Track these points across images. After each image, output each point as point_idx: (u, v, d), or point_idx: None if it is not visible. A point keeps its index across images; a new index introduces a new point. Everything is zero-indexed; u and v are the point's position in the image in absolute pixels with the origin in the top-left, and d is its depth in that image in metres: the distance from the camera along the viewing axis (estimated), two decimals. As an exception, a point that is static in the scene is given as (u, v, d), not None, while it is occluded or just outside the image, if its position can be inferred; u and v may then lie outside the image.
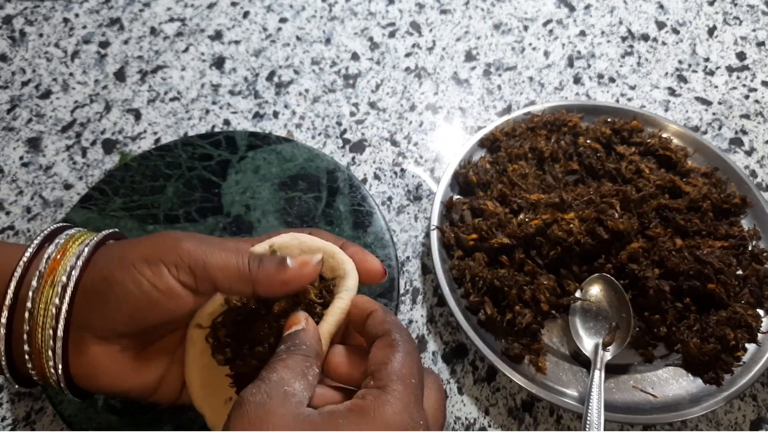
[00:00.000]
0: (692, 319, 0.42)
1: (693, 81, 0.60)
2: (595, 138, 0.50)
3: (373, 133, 0.56)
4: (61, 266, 0.27)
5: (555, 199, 0.45)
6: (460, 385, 0.43)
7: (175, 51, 0.62)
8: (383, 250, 0.45)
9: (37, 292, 0.27)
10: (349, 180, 0.49)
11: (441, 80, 0.60)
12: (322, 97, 0.58)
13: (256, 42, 0.63)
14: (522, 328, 0.41)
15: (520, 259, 0.43)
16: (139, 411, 0.38)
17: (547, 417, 0.41)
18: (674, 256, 0.42)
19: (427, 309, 0.46)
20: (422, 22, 0.65)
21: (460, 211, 0.47)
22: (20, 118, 0.56)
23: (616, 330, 0.42)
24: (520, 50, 0.63)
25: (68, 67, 0.60)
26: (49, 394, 0.38)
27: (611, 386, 0.40)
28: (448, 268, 0.45)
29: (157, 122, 0.56)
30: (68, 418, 0.38)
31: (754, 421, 0.42)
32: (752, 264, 0.44)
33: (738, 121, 0.58)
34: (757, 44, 0.64)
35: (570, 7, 0.67)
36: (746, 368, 0.40)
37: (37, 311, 0.26)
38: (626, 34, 0.64)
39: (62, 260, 0.27)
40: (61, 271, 0.27)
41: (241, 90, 0.59)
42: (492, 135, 0.51)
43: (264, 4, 0.66)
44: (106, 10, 0.65)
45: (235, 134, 0.52)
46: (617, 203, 0.44)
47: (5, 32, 0.63)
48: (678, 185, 0.47)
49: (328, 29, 0.64)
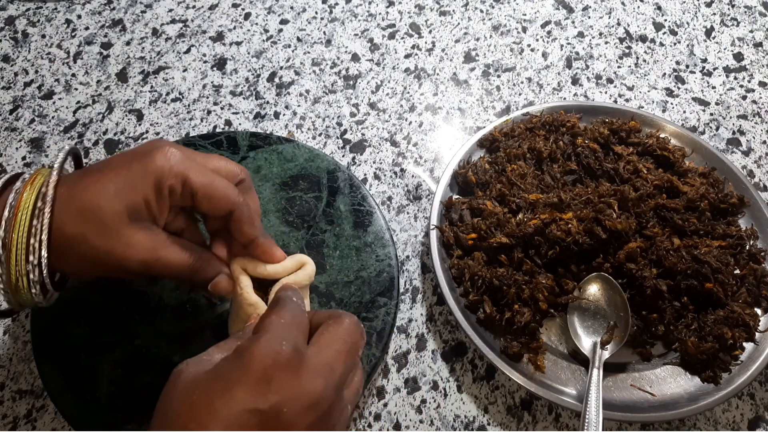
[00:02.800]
0: (690, 318, 0.42)
1: (691, 82, 0.61)
2: (594, 138, 0.51)
3: (373, 134, 0.56)
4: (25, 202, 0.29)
5: (553, 198, 0.46)
6: (459, 384, 0.43)
7: (177, 52, 0.62)
8: (383, 249, 0.46)
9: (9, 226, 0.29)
10: (350, 180, 0.50)
11: (440, 81, 0.60)
12: (322, 97, 0.59)
13: (257, 43, 0.63)
14: (521, 327, 0.42)
15: (518, 258, 0.44)
16: (141, 409, 0.38)
17: (545, 415, 0.42)
18: (672, 255, 0.43)
19: (427, 308, 0.46)
20: (422, 24, 0.65)
21: (460, 210, 0.47)
22: (23, 119, 0.57)
23: (614, 329, 0.42)
24: (519, 51, 0.63)
25: (70, 67, 0.61)
26: (51, 392, 0.39)
27: (609, 385, 0.41)
28: (448, 267, 0.45)
29: (159, 123, 0.57)
30: (69, 416, 0.38)
31: (751, 419, 0.42)
32: (750, 263, 0.45)
33: (735, 121, 0.58)
34: (755, 45, 0.64)
35: (568, 8, 0.67)
36: (744, 367, 0.41)
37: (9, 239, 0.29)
38: (624, 35, 0.65)
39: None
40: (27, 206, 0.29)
41: (243, 91, 0.59)
42: (491, 135, 0.52)
43: (265, 5, 0.66)
44: (108, 12, 0.65)
45: (236, 135, 0.52)
46: (615, 203, 0.45)
47: (8, 33, 0.63)
48: (676, 185, 0.47)
49: (328, 30, 0.64)
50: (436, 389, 0.43)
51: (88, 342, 0.40)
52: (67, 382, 0.39)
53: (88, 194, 0.30)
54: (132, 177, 0.31)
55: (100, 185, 0.30)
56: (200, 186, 0.32)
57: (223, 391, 0.25)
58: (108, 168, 0.31)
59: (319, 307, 0.43)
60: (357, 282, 0.44)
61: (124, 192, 0.30)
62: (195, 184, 0.32)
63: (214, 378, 0.26)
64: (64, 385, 0.39)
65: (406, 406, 0.42)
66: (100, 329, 0.41)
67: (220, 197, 0.32)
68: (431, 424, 0.41)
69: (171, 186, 0.31)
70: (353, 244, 0.46)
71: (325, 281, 0.44)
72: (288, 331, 0.27)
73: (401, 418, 0.41)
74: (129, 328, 0.41)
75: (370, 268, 0.45)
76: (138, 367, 0.39)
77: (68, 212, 0.30)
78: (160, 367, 0.40)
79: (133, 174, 0.31)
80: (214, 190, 0.32)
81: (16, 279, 0.29)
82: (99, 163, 0.32)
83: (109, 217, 0.30)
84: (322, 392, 0.26)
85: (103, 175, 0.31)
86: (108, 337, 0.40)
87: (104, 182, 0.30)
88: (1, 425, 0.40)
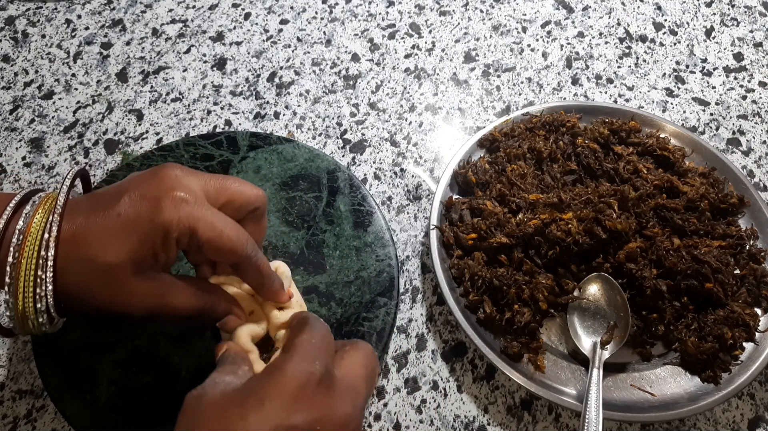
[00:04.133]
0: (690, 318, 0.42)
1: (691, 82, 0.61)
2: (593, 138, 0.51)
3: (373, 134, 0.56)
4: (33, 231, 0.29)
5: (553, 198, 0.46)
6: (459, 384, 0.43)
7: (177, 52, 0.62)
8: (383, 249, 0.46)
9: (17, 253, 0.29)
10: (350, 180, 0.50)
11: (440, 81, 0.60)
12: (322, 97, 0.59)
13: (257, 43, 0.63)
14: (521, 327, 0.42)
15: (518, 258, 0.44)
16: (141, 409, 0.38)
17: (545, 415, 0.42)
18: (672, 255, 0.43)
19: (427, 308, 0.46)
20: (422, 24, 0.65)
21: (460, 210, 0.47)
22: (23, 119, 0.57)
23: (614, 329, 0.42)
24: (519, 51, 0.63)
25: (70, 67, 0.61)
26: (51, 392, 0.39)
27: (609, 385, 0.41)
28: (448, 267, 0.45)
29: (159, 123, 0.57)
30: (69, 416, 0.38)
31: (752, 419, 0.42)
32: (750, 263, 0.45)
33: (735, 121, 0.58)
34: (755, 45, 0.64)
35: (568, 8, 0.67)
36: (744, 367, 0.41)
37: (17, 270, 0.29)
38: (624, 35, 0.65)
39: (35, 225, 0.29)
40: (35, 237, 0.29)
41: (243, 91, 0.59)
42: (491, 135, 0.52)
43: (265, 5, 0.66)
44: (108, 12, 0.65)
45: (236, 134, 0.52)
46: (615, 203, 0.45)
47: (8, 33, 0.63)
48: (676, 185, 0.47)
49: (328, 30, 0.64)
50: (436, 389, 0.43)
51: (88, 342, 0.40)
52: (67, 382, 0.39)
53: (93, 247, 0.29)
54: (139, 231, 0.29)
55: (106, 238, 0.29)
56: (207, 240, 0.31)
57: (258, 407, 0.25)
58: (115, 215, 0.30)
59: (319, 307, 0.43)
60: (357, 282, 0.44)
61: (131, 247, 0.29)
62: (202, 239, 0.31)
63: (247, 394, 0.26)
64: (64, 385, 0.39)
65: (406, 406, 0.42)
66: (100, 329, 0.41)
67: (226, 251, 0.31)
68: (431, 424, 0.41)
69: (178, 238, 0.30)
70: (353, 244, 0.46)
71: (325, 281, 0.44)
72: (319, 352, 0.28)
73: (401, 418, 0.41)
74: (129, 328, 0.41)
75: (370, 268, 0.45)
76: (138, 367, 0.39)
77: (73, 260, 0.29)
78: (160, 367, 0.40)
79: (140, 228, 0.30)
80: (222, 245, 0.31)
81: (23, 307, 0.29)
82: (105, 199, 0.31)
83: (115, 272, 0.29)
84: (350, 413, 0.27)
85: (108, 224, 0.30)
86: (108, 337, 0.40)
87: (110, 235, 0.29)
88: (1, 425, 0.40)
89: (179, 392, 0.38)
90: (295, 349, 0.28)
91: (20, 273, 0.28)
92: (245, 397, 0.26)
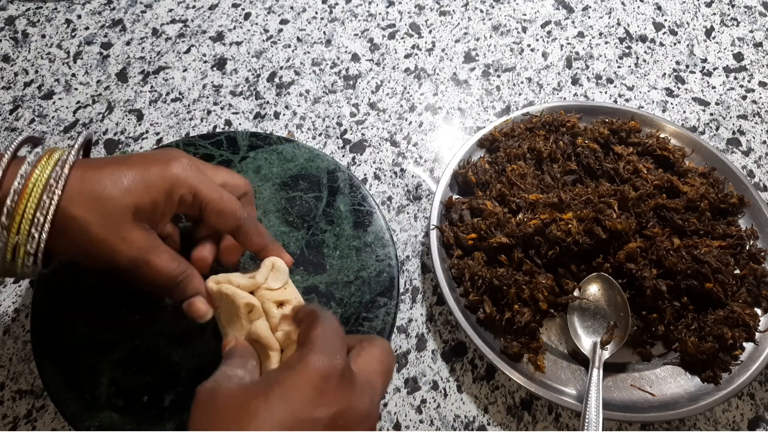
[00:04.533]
0: (690, 318, 0.42)
1: (690, 82, 0.61)
2: (593, 138, 0.51)
3: (373, 134, 0.56)
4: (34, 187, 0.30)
5: (553, 198, 0.46)
6: (459, 384, 0.43)
7: (177, 52, 0.62)
8: (383, 249, 0.46)
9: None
10: (350, 180, 0.50)
11: (440, 81, 0.60)
12: (322, 97, 0.59)
13: (257, 43, 0.63)
14: (521, 327, 0.42)
15: (518, 258, 0.44)
16: (141, 409, 0.38)
17: (545, 415, 0.42)
18: (672, 255, 0.43)
19: (427, 308, 0.46)
20: (422, 24, 0.65)
21: (460, 210, 0.47)
22: (23, 119, 0.57)
23: (614, 329, 0.42)
24: (519, 51, 0.63)
25: (70, 67, 0.61)
26: (51, 392, 0.39)
27: (609, 385, 0.41)
28: (448, 267, 0.45)
29: (159, 123, 0.57)
30: (69, 416, 0.38)
31: (751, 419, 0.42)
32: (750, 263, 0.45)
33: (735, 121, 0.58)
34: (755, 45, 0.64)
35: (568, 8, 0.67)
36: (744, 367, 0.41)
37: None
38: (624, 35, 0.65)
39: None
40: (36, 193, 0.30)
41: (243, 91, 0.59)
42: (491, 135, 0.52)
43: (265, 5, 0.66)
44: (108, 12, 0.65)
45: (236, 135, 0.52)
46: (615, 203, 0.45)
47: (8, 33, 0.63)
48: (676, 185, 0.47)
49: (328, 30, 0.64)
50: (436, 389, 0.43)
51: (88, 342, 0.40)
52: (67, 382, 0.39)
53: (102, 183, 0.31)
54: (148, 178, 0.32)
55: (116, 177, 0.31)
56: (210, 201, 0.34)
57: (283, 399, 0.25)
58: (126, 164, 0.32)
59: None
60: (357, 282, 0.44)
61: (137, 190, 0.31)
62: (205, 199, 0.33)
63: (270, 386, 0.26)
64: (64, 385, 0.38)
65: (406, 406, 0.42)
66: (100, 329, 0.41)
67: (227, 213, 0.34)
68: (431, 424, 0.41)
69: (182, 195, 0.33)
70: (353, 244, 0.46)
71: (325, 281, 0.44)
72: (337, 346, 0.28)
73: (401, 418, 0.41)
74: (129, 328, 0.41)
75: (370, 268, 0.45)
76: (138, 367, 0.39)
77: (79, 195, 0.31)
78: (160, 367, 0.40)
79: (149, 175, 0.32)
80: (223, 207, 0.34)
81: (13, 247, 0.30)
82: (116, 156, 0.34)
83: (117, 210, 0.31)
84: (369, 408, 0.27)
85: (119, 169, 0.32)
86: (108, 337, 0.40)
87: (120, 176, 0.32)
88: (1, 425, 0.40)
89: (179, 392, 0.39)
90: (314, 342, 0.28)
91: (18, 213, 0.29)
92: (269, 389, 0.26)
